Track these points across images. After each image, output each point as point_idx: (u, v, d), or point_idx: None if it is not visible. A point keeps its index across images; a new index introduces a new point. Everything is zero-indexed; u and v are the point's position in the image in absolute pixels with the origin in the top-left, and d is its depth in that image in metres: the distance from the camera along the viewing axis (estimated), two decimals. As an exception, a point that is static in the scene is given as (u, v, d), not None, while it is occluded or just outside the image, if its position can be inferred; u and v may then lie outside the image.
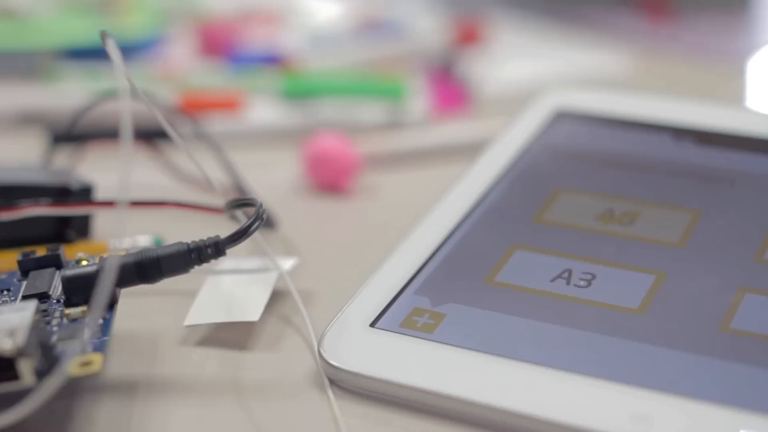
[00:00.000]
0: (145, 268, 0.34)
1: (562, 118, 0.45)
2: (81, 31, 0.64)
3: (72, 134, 0.48)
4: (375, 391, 0.33)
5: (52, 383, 0.29)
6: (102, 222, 0.43)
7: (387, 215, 0.47)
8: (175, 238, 0.41)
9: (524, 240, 0.38)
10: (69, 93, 0.57)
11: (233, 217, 0.40)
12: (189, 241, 0.35)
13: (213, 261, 0.35)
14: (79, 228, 0.42)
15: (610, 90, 0.47)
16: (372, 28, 0.68)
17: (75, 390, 0.33)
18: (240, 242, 0.35)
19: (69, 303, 0.34)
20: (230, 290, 0.38)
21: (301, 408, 0.33)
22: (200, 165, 0.39)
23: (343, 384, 0.34)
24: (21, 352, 0.30)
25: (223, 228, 0.37)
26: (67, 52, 0.63)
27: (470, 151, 0.51)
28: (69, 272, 0.34)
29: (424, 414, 0.32)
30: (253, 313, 0.36)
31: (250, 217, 0.35)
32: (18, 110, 0.57)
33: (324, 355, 0.34)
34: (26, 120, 0.56)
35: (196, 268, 0.35)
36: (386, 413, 0.33)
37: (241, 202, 0.37)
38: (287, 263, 0.39)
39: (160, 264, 0.34)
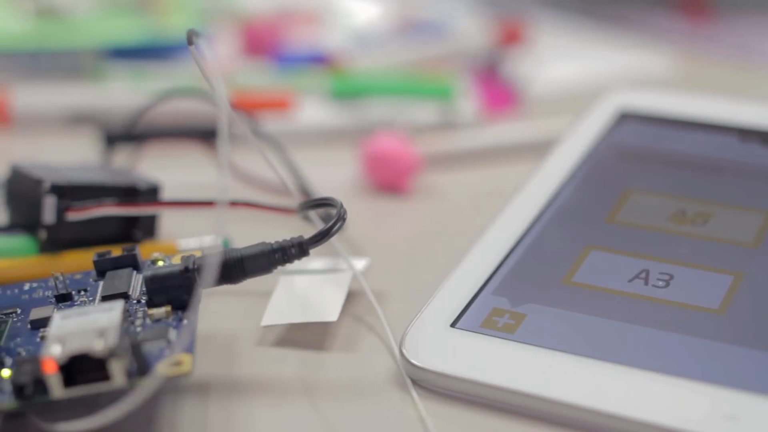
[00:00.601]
0: (229, 269, 0.34)
1: (626, 118, 0.45)
2: (123, 30, 0.64)
3: (131, 134, 0.48)
4: (458, 391, 0.33)
5: (150, 384, 0.29)
6: (166, 222, 0.43)
7: (448, 215, 0.47)
8: (241, 238, 0.41)
9: (598, 240, 0.38)
10: (119, 93, 0.57)
11: (306, 218, 0.39)
12: (272, 242, 0.34)
13: (296, 261, 0.34)
14: (146, 228, 0.42)
15: (672, 90, 0.47)
16: (411, 28, 0.67)
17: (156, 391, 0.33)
18: (323, 242, 0.34)
19: (151, 303, 0.34)
20: (305, 291, 0.37)
21: (385, 408, 0.33)
22: (275, 166, 0.39)
23: (425, 384, 0.33)
24: (112, 353, 0.30)
25: (291, 228, 0.37)
26: (111, 51, 0.63)
27: (527, 151, 0.51)
28: (153, 272, 0.33)
29: (507, 414, 0.32)
30: (331, 314, 0.36)
31: (332, 218, 0.35)
32: (69, 110, 0.56)
33: (406, 355, 0.34)
34: (77, 120, 0.56)
35: (279, 268, 0.35)
36: (469, 413, 0.32)
37: (319, 202, 0.37)
38: (359, 263, 0.39)
39: (244, 264, 0.34)
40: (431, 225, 0.46)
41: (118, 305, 0.31)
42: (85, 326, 0.30)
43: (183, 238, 0.42)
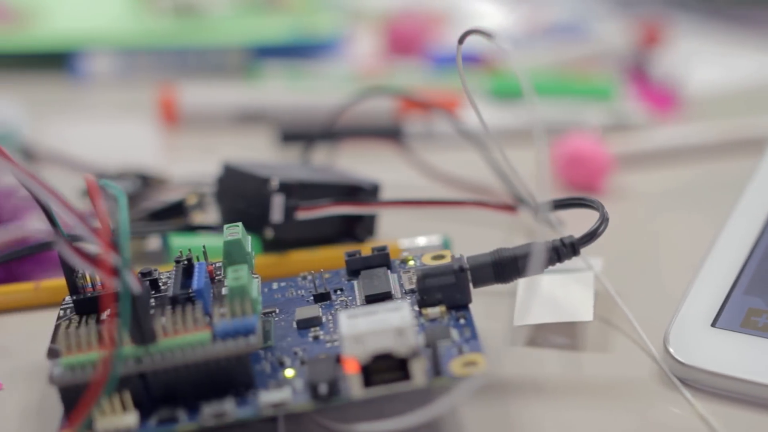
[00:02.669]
0: (503, 268, 0.34)
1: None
2: (266, 28, 0.64)
3: (329, 132, 0.48)
4: (727, 390, 0.33)
5: (470, 384, 0.29)
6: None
7: (647, 214, 0.47)
8: (460, 238, 0.41)
9: (839, 241, 0.38)
10: (283, 92, 0.57)
11: (545, 219, 0.39)
12: (544, 241, 0.34)
13: (566, 261, 0.34)
14: (368, 227, 0.41)
15: None
16: (547, 30, 0.67)
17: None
18: (591, 243, 0.34)
19: (423, 303, 0.33)
20: (550, 290, 0.37)
21: (658, 407, 0.33)
22: (511, 164, 0.39)
23: (692, 383, 0.34)
24: (415, 353, 0.30)
25: (504, 227, 0.36)
26: (256, 49, 0.63)
27: (708, 151, 0.51)
28: (427, 271, 0.33)
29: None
30: (586, 314, 0.36)
31: (598, 219, 0.35)
32: (236, 108, 0.56)
33: (674, 354, 0.34)
34: (244, 118, 0.56)
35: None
36: (740, 411, 0.32)
37: (572, 201, 0.37)
38: (596, 263, 0.39)
39: (518, 264, 0.34)
40: (639, 223, 0.46)
41: (405, 305, 0.31)
42: (380, 326, 0.30)
43: (401, 237, 0.41)
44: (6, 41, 0.63)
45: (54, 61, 0.64)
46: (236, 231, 0.35)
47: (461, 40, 0.34)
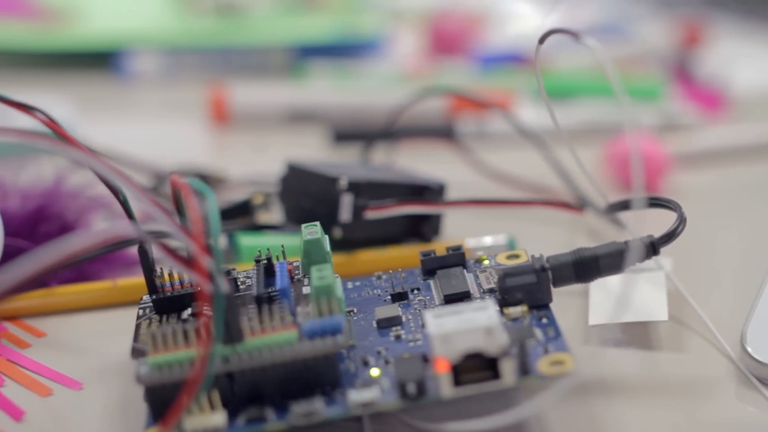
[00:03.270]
0: (584, 267, 0.34)
1: None
2: (308, 28, 0.64)
3: (387, 131, 0.48)
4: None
5: (564, 383, 0.29)
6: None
7: (706, 213, 0.47)
8: (520, 237, 0.41)
9: None
10: (332, 91, 0.57)
11: (613, 219, 0.40)
12: (623, 241, 0.34)
13: (646, 260, 0.34)
14: (434, 227, 0.42)
15: None
16: (586, 31, 0.67)
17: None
18: (670, 243, 0.34)
19: (504, 302, 0.34)
20: (622, 290, 0.37)
21: (738, 407, 0.33)
22: (582, 163, 0.39)
23: (770, 382, 0.34)
24: (505, 352, 0.30)
25: (565, 226, 0.36)
26: (300, 49, 0.63)
27: (757, 151, 0.51)
28: (509, 271, 0.33)
29: None
30: (660, 313, 0.36)
31: (676, 219, 0.35)
32: (286, 107, 0.56)
33: (752, 353, 0.34)
34: (294, 117, 0.56)
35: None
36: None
37: (654, 201, 0.37)
38: (666, 262, 0.39)
39: (599, 263, 0.34)
40: (700, 222, 0.45)
41: (490, 304, 0.31)
42: (468, 325, 0.30)
43: (465, 237, 0.42)
44: (51, 40, 0.63)
45: (98, 61, 0.64)
46: (315, 230, 0.35)
47: (542, 40, 0.34)
